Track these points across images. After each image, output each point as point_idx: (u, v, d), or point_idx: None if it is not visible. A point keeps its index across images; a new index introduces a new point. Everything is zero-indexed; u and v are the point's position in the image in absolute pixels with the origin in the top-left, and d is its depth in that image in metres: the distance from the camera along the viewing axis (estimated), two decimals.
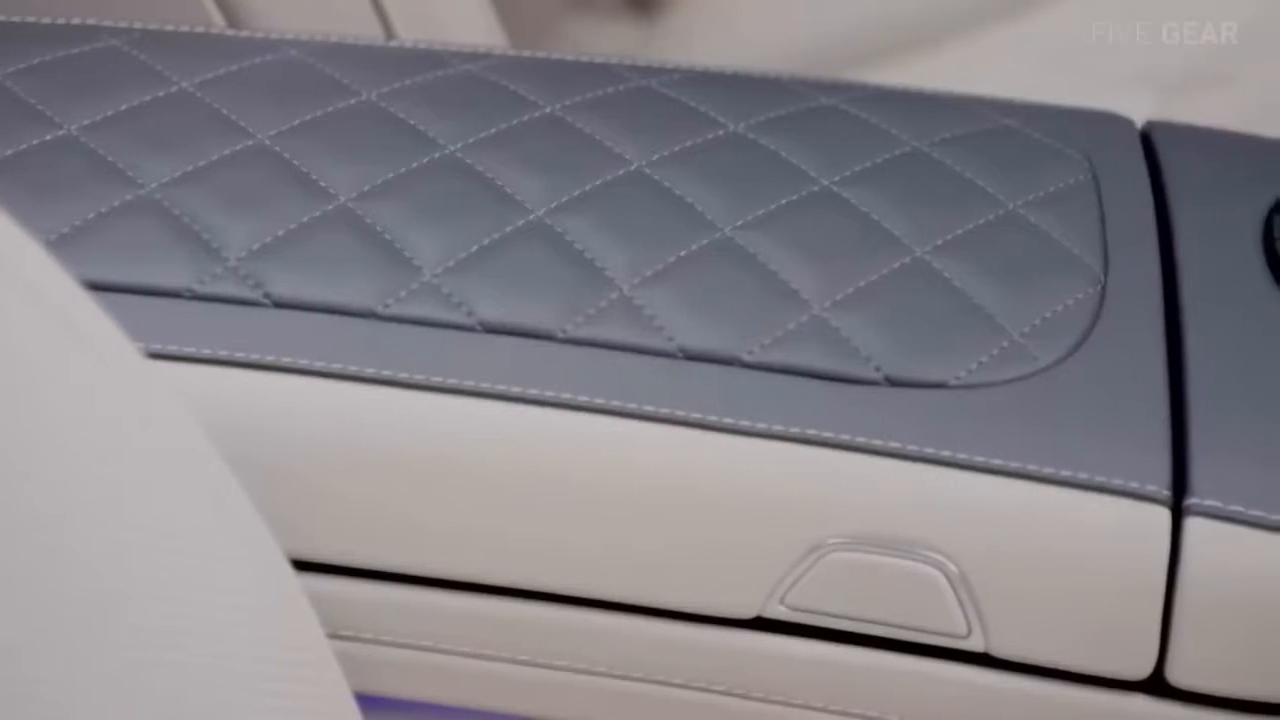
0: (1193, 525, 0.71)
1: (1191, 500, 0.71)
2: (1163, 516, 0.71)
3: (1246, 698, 0.73)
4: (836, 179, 0.80)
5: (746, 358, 0.74)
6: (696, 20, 1.41)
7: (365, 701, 0.70)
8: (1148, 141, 0.86)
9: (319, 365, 0.73)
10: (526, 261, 0.76)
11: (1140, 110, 1.00)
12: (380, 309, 0.75)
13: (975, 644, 0.73)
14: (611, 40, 1.44)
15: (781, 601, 0.74)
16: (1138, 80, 1.25)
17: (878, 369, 0.74)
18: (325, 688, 0.63)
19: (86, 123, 0.81)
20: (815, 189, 0.80)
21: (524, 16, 1.34)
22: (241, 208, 0.77)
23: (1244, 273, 0.79)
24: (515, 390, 0.73)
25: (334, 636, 0.75)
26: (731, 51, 1.34)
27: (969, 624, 0.73)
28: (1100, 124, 0.87)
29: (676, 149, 0.81)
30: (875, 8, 1.37)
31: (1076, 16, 1.31)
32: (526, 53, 0.89)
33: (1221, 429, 0.73)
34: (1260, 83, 1.23)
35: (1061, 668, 0.74)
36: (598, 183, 0.79)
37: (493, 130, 0.82)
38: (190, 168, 0.79)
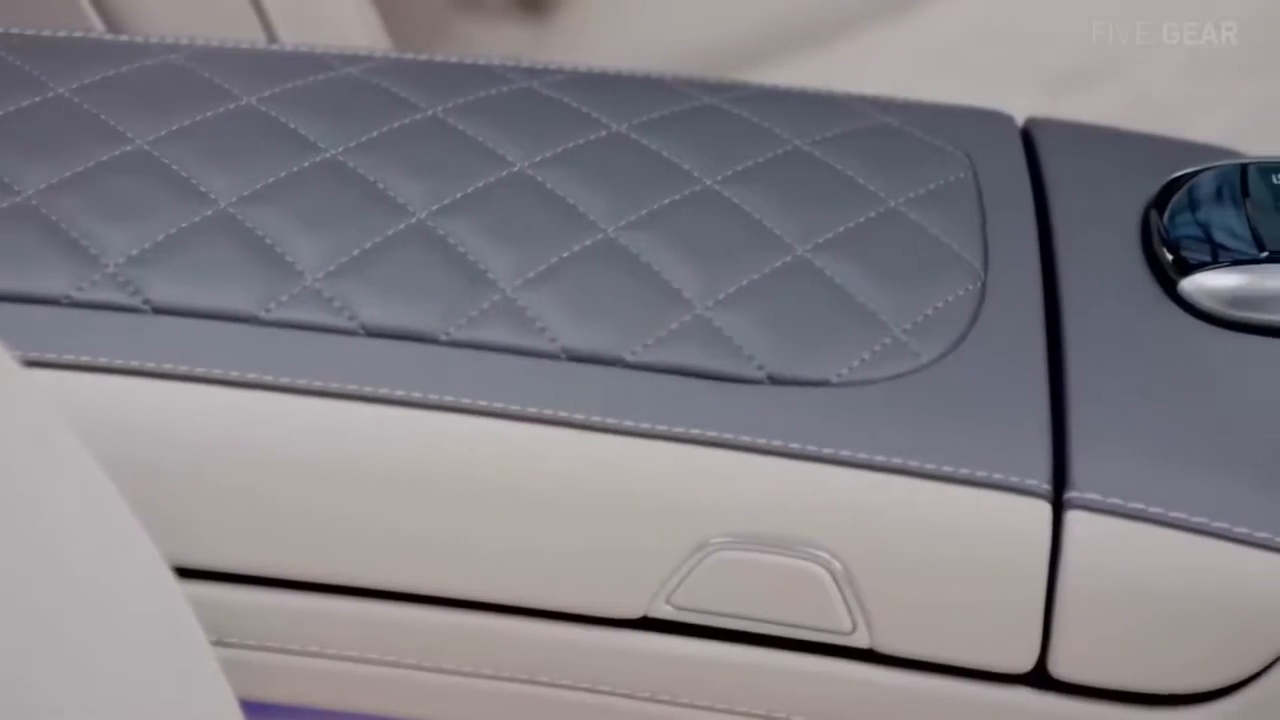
0: (1073, 519, 0.72)
1: (1072, 494, 0.72)
2: (1043, 511, 0.72)
3: (1127, 689, 0.73)
4: (719, 178, 0.81)
5: (629, 358, 0.74)
6: (588, 21, 1.41)
7: (252, 709, 0.70)
8: (1028, 138, 0.87)
9: (200, 371, 0.73)
10: (408, 264, 0.76)
11: (1026, 107, 1.01)
12: (262, 314, 0.74)
13: (860, 640, 0.74)
14: (502, 41, 1.44)
15: (667, 601, 0.74)
16: (1023, 77, 1.26)
17: (760, 367, 0.74)
18: (209, 695, 0.62)
19: None
20: (697, 188, 0.80)
21: (412, 19, 1.34)
22: (120, 214, 0.77)
23: (1122, 268, 0.79)
24: (398, 393, 0.73)
25: (219, 644, 0.74)
26: (624, 52, 1.34)
27: (853, 620, 0.73)
28: (981, 121, 0.87)
29: (559, 150, 0.81)
30: (765, 8, 1.37)
31: (962, 15, 1.32)
32: (409, 55, 0.88)
33: (1101, 423, 0.74)
34: (1141, 78, 1.24)
35: (945, 662, 0.74)
36: (479, 185, 0.79)
37: (374, 133, 0.81)
38: (68, 174, 0.78)
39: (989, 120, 0.87)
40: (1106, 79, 1.25)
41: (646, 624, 0.75)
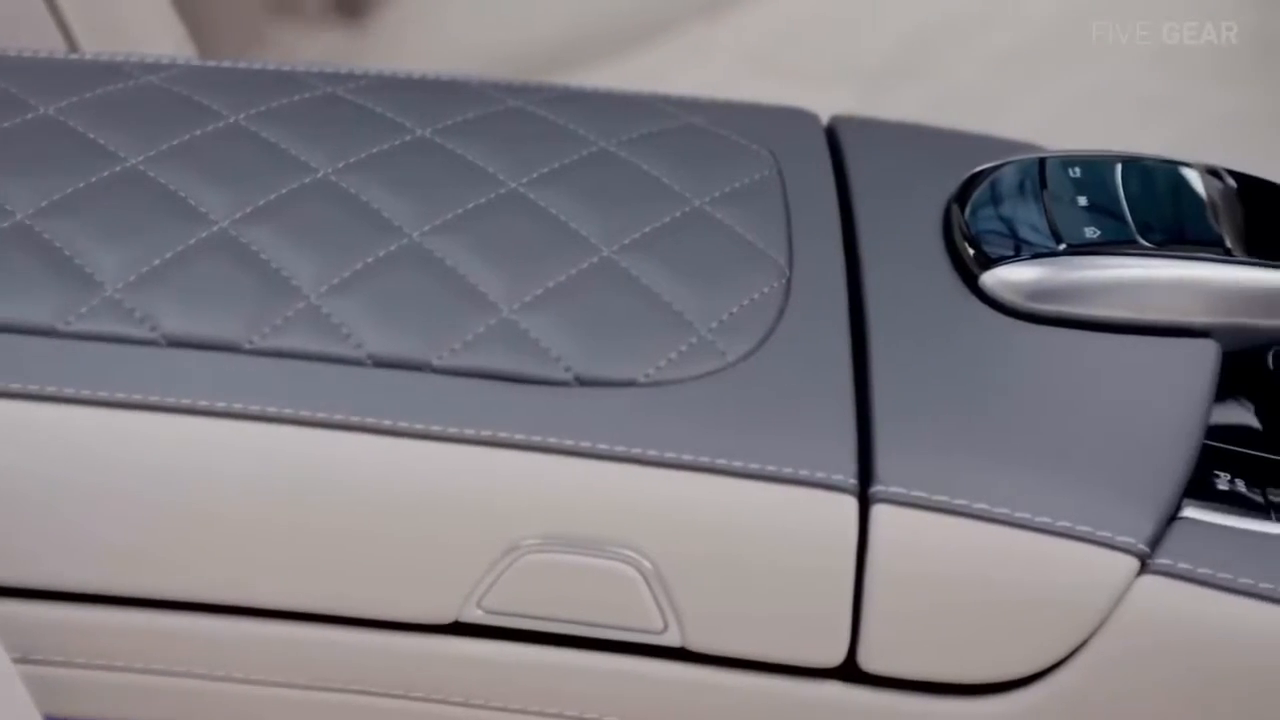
0: (879, 513, 0.72)
1: (877, 488, 0.72)
2: (850, 505, 0.72)
3: (936, 679, 0.74)
4: (524, 181, 0.81)
5: (436, 363, 0.74)
6: (406, 25, 1.41)
7: None
8: (833, 136, 0.87)
9: None
10: (211, 273, 0.75)
11: (840, 105, 1.02)
12: (60, 326, 0.73)
13: (672, 639, 0.74)
14: (319, 47, 1.43)
15: (479, 605, 0.74)
16: (836, 76, 1.27)
17: (567, 369, 0.74)
18: (13, 712, 0.62)
19: None
20: (502, 191, 0.80)
21: (226, 26, 1.32)
22: None
23: (925, 263, 0.80)
24: (200, 403, 0.72)
25: (22, 661, 0.73)
26: (442, 55, 1.34)
27: (665, 620, 0.73)
28: (785, 120, 0.88)
29: (363, 155, 0.81)
30: (582, 10, 1.38)
31: (778, 16, 1.33)
32: (212, 62, 0.88)
33: (905, 418, 0.74)
34: (953, 75, 1.26)
35: (757, 658, 0.74)
36: (283, 192, 0.79)
37: (175, 141, 0.81)
38: None
39: (793, 119, 0.88)
40: (919, 76, 1.26)
41: (458, 629, 0.74)
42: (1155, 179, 0.83)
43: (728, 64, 1.31)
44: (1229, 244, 0.79)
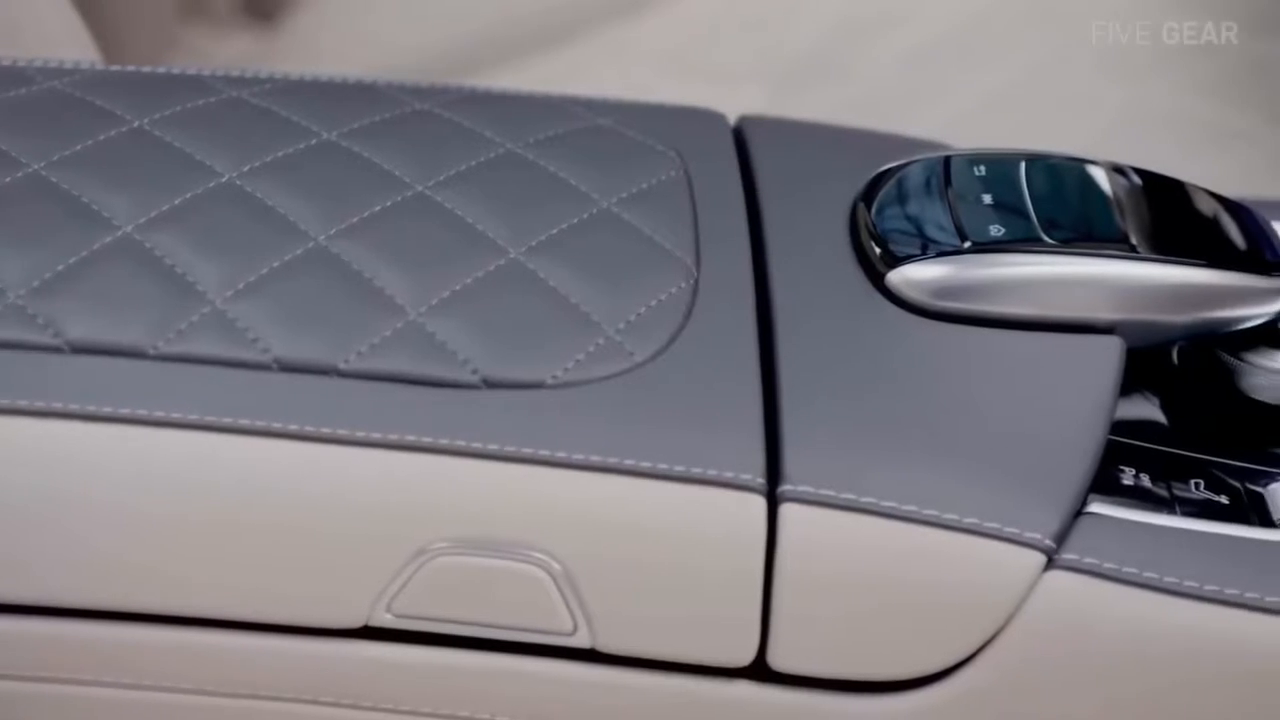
0: (787, 512, 0.72)
1: (785, 487, 0.73)
2: (758, 505, 0.72)
3: (845, 677, 0.74)
4: (430, 184, 0.80)
5: (342, 366, 0.74)
6: (319, 27, 1.40)
7: None
8: (740, 136, 0.88)
9: None
10: (115, 279, 0.75)
11: (754, 105, 1.02)
12: None
13: (582, 640, 0.74)
14: (232, 50, 1.42)
15: (388, 609, 0.73)
16: (750, 76, 1.27)
17: (474, 371, 0.74)
18: None
19: None
20: (409, 194, 0.80)
21: (137, 31, 1.32)
22: None
23: (832, 262, 0.80)
24: (105, 410, 0.72)
25: None
26: (356, 58, 1.34)
27: (575, 621, 0.73)
28: (693, 120, 0.88)
29: (268, 159, 0.80)
30: (498, 12, 1.38)
31: (693, 16, 1.33)
32: (116, 67, 0.87)
33: (812, 416, 0.74)
34: (866, 74, 1.26)
35: (667, 659, 0.75)
36: (187, 196, 0.78)
37: (77, 147, 0.80)
38: None
39: (701, 119, 0.88)
40: (833, 76, 1.27)
41: (368, 633, 0.74)
42: (1060, 177, 0.83)
43: (644, 64, 1.31)
44: (1134, 241, 0.80)
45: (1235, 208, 0.83)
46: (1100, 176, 0.83)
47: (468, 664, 0.75)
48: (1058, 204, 0.81)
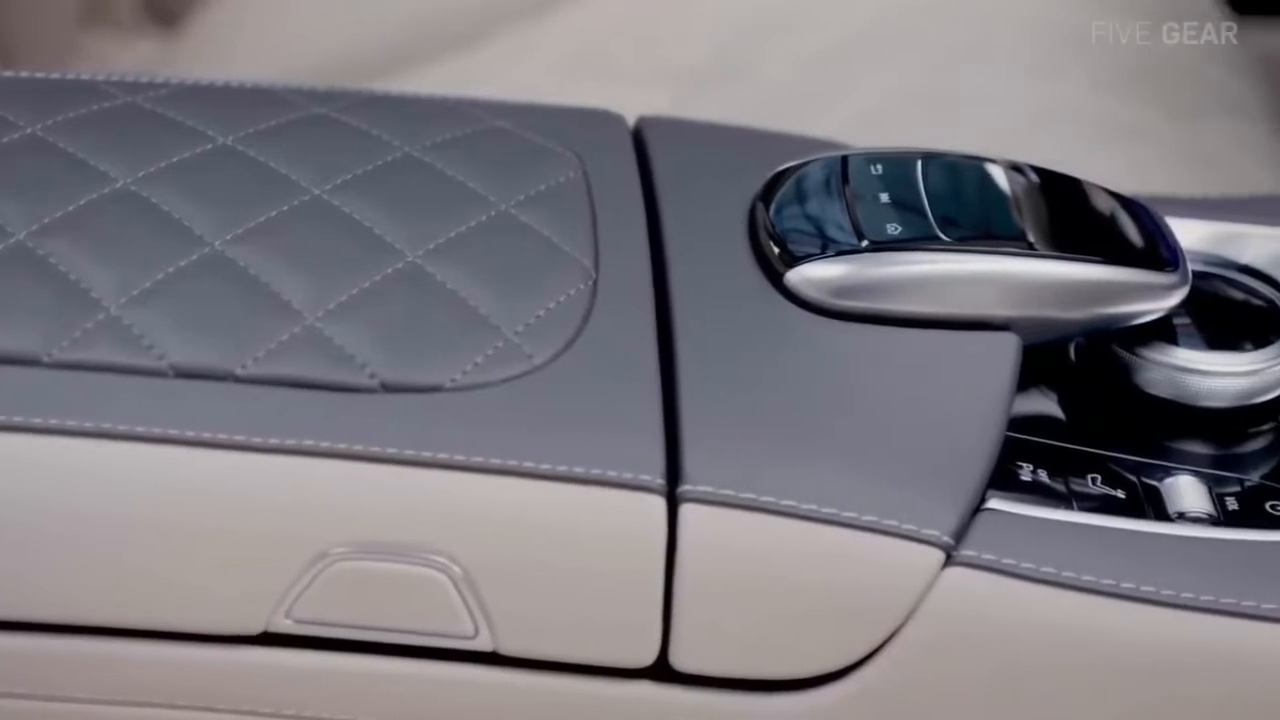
0: (687, 512, 0.73)
1: (685, 488, 0.73)
2: (658, 505, 0.72)
3: (747, 676, 0.75)
4: (327, 188, 0.80)
5: (240, 372, 0.73)
6: (222, 32, 1.39)
7: None
8: (640, 137, 0.88)
9: None
10: (7, 287, 0.74)
11: (659, 106, 1.02)
12: None
13: (483, 644, 0.74)
14: (135, 55, 1.41)
15: (288, 615, 0.73)
16: (655, 77, 1.27)
17: (372, 376, 0.74)
18: None
19: None
20: (306, 198, 0.80)
21: (37, 34, 1.31)
22: None
23: (731, 262, 0.81)
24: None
25: None
26: (261, 62, 1.33)
27: (475, 624, 0.73)
28: (591, 122, 0.88)
29: (163, 164, 0.80)
30: (402, 15, 1.37)
31: (596, 17, 1.33)
32: (9, 73, 0.87)
33: (712, 417, 0.75)
34: (771, 74, 1.26)
35: (569, 661, 0.75)
36: (81, 203, 0.78)
37: None
38: None
39: (600, 120, 0.88)
40: (736, 76, 1.27)
41: (268, 639, 0.74)
42: (957, 175, 0.84)
43: (548, 66, 1.31)
44: (1031, 238, 0.80)
45: (1131, 205, 0.84)
46: (997, 174, 0.84)
47: (368, 669, 0.75)
48: (955, 202, 0.82)
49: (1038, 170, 0.84)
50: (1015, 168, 0.84)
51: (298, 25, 1.39)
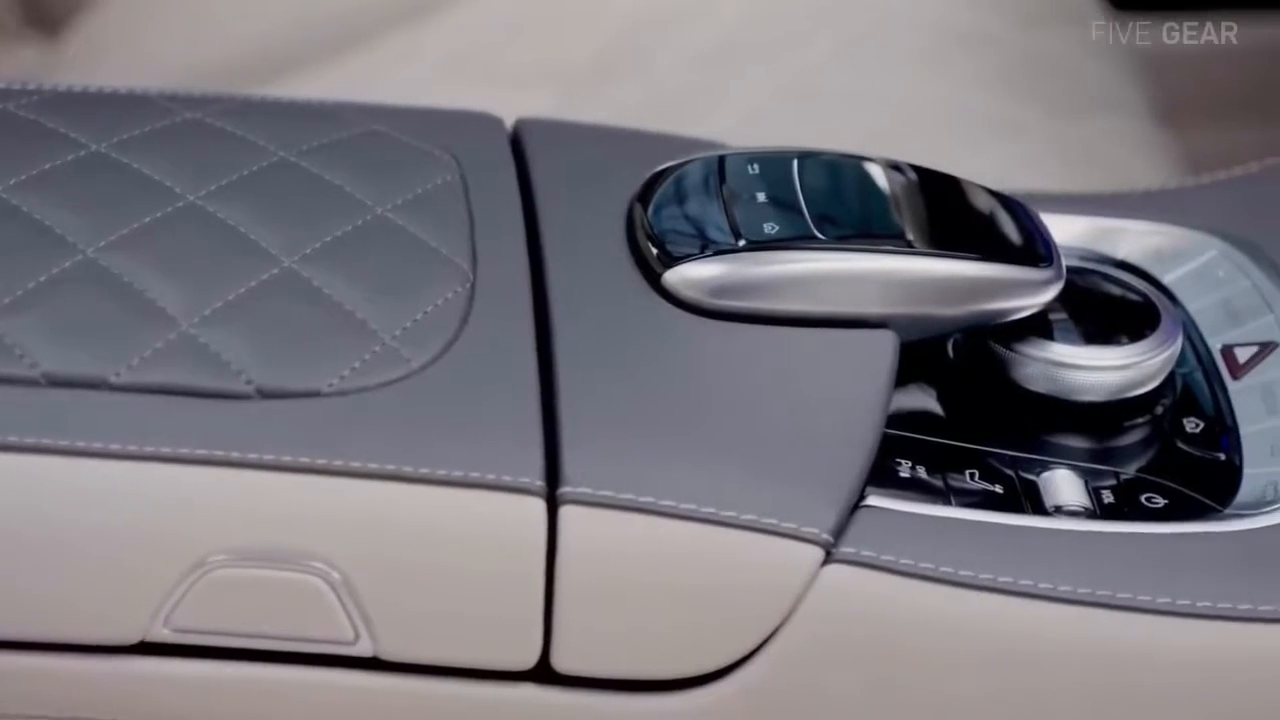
0: (567, 514, 0.73)
1: (564, 489, 0.73)
2: (537, 507, 0.72)
3: (629, 677, 0.75)
4: (202, 193, 0.80)
5: (113, 380, 0.73)
6: (105, 39, 1.38)
7: None
8: (518, 139, 0.88)
9: None
10: None
11: (544, 108, 1.02)
12: None
13: (364, 649, 0.73)
14: (18, 63, 1.40)
15: (166, 624, 0.73)
16: (541, 79, 1.27)
17: (249, 382, 0.73)
18: None
19: None
20: (180, 205, 0.79)
21: None
22: None
23: (609, 263, 0.81)
24: None
25: None
26: (144, 69, 1.32)
27: (356, 630, 0.73)
28: (469, 124, 0.88)
29: (35, 172, 0.79)
30: (283, 20, 1.36)
31: (481, 19, 1.32)
32: None
33: (592, 419, 0.75)
34: (658, 74, 1.26)
35: (451, 664, 0.74)
36: None
37: None
38: None
39: (477, 123, 0.88)
40: (623, 76, 1.27)
41: (146, 648, 0.73)
42: (834, 173, 0.84)
43: (433, 69, 1.30)
44: (909, 236, 0.80)
45: (1008, 202, 0.84)
46: (875, 173, 0.84)
47: (249, 676, 0.74)
48: (832, 200, 0.82)
49: (916, 168, 0.85)
50: (894, 166, 0.85)
51: (180, 30, 1.38)
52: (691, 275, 0.79)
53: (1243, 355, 0.85)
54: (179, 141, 0.83)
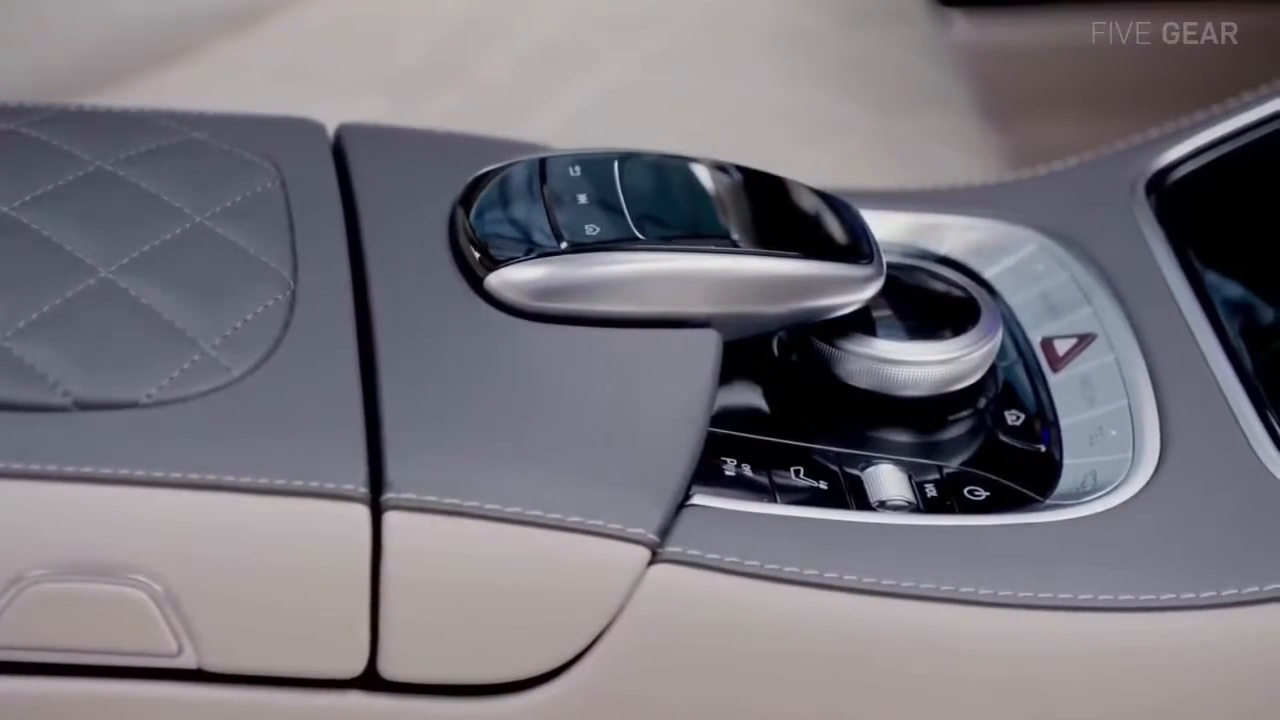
0: (391, 520, 0.72)
1: (389, 495, 0.72)
2: (361, 514, 0.72)
3: (457, 681, 0.74)
4: (16, 204, 0.79)
5: None
6: None
7: None
8: (340, 145, 0.87)
9: None
10: None
11: (373, 114, 1.02)
12: None
13: (187, 661, 0.73)
14: None
15: None
16: (370, 85, 1.26)
17: (65, 394, 0.73)
18: None
19: None
20: None
21: None
22: None
23: (432, 267, 0.80)
24: None
25: None
26: None
27: (179, 642, 0.72)
28: (289, 131, 0.87)
29: None
30: (104, 30, 1.34)
31: (306, 26, 1.31)
32: None
33: (415, 424, 0.74)
34: (483, 78, 1.26)
35: (277, 674, 0.74)
36: None
37: None
38: None
39: (298, 129, 0.87)
40: (451, 80, 1.26)
41: None
42: (656, 174, 0.84)
43: (257, 77, 1.29)
44: (731, 235, 0.81)
45: (830, 200, 0.85)
46: (699, 173, 0.84)
47: (73, 692, 0.73)
48: (654, 201, 0.82)
49: (739, 168, 0.85)
50: (718, 166, 0.85)
51: (2, 38, 1.36)
52: (514, 278, 0.79)
53: (1062, 347, 0.86)
54: None
